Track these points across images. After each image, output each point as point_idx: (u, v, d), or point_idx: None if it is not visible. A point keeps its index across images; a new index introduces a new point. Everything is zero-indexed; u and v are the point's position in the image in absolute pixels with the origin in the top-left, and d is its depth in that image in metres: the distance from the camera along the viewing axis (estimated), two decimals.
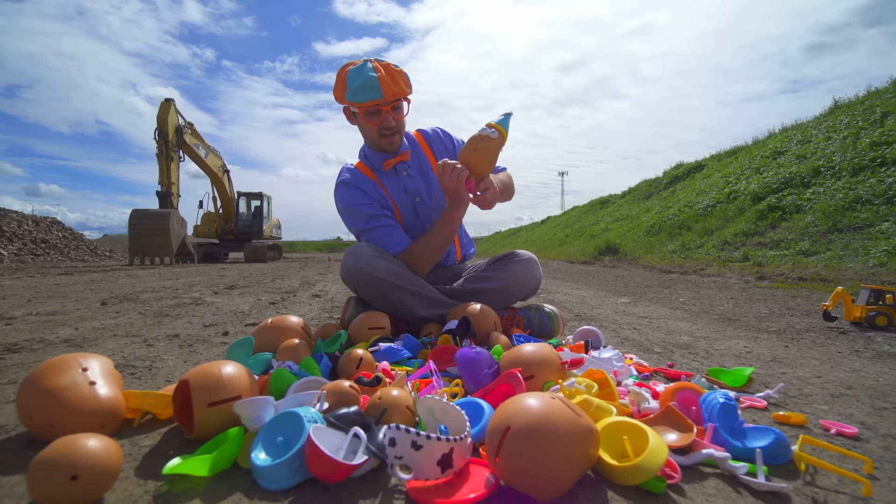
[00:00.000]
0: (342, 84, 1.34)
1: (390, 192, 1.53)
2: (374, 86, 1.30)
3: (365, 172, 1.53)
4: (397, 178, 1.54)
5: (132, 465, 0.68)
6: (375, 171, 1.53)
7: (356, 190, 1.50)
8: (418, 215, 1.58)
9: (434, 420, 0.73)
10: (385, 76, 1.31)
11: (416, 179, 1.57)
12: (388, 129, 1.42)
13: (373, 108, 1.34)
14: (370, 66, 1.32)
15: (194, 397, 0.73)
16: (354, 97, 1.32)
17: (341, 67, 1.38)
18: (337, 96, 1.39)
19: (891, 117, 6.60)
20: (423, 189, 1.57)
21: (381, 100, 1.32)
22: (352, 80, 1.32)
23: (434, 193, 1.58)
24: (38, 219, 12.76)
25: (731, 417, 0.75)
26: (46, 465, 0.56)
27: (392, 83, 1.33)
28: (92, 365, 0.81)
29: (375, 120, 1.38)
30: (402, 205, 1.55)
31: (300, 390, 0.86)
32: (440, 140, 1.65)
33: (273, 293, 3.45)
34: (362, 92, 1.31)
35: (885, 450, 0.74)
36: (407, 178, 1.54)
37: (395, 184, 1.54)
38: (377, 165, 1.52)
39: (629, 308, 2.61)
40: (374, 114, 1.37)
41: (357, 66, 1.33)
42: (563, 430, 0.57)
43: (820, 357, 1.39)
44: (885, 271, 3.53)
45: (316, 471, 0.60)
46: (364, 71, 1.31)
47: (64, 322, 1.98)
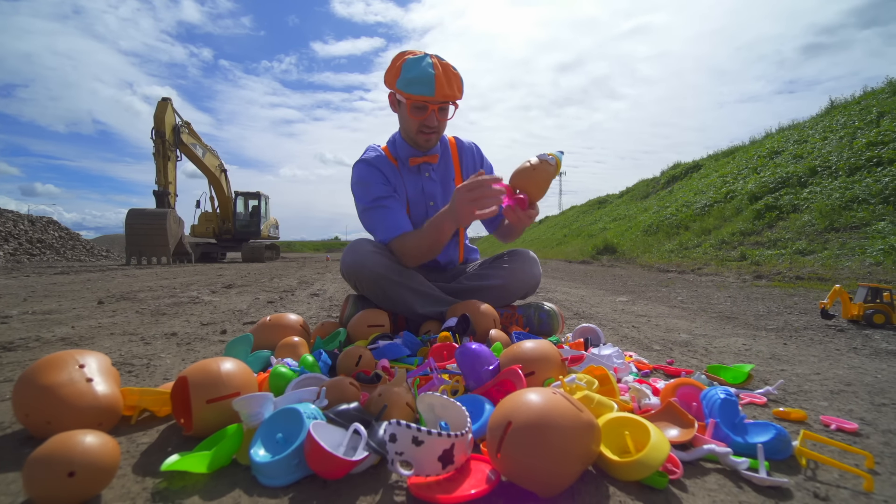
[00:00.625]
0: (396, 70, 1.32)
1: (407, 186, 1.52)
2: (428, 81, 1.28)
3: (389, 158, 1.52)
4: (419, 176, 1.52)
5: (130, 462, 0.68)
6: (399, 162, 1.51)
7: (374, 169, 1.47)
8: (428, 217, 1.55)
9: (434, 416, 0.72)
10: (441, 75, 1.29)
11: (435, 183, 1.55)
12: (429, 127, 1.40)
13: (420, 103, 1.33)
14: (429, 60, 1.30)
15: (192, 394, 0.72)
16: (406, 87, 1.30)
17: (399, 53, 1.36)
18: (387, 80, 1.37)
19: (887, 117, 6.63)
20: (440, 195, 1.56)
21: (431, 97, 1.30)
22: (408, 69, 1.30)
23: (447, 200, 1.55)
24: (34, 218, 12.69)
25: (732, 413, 0.74)
26: (43, 461, 0.55)
27: (446, 84, 1.30)
28: (89, 362, 0.80)
29: (420, 115, 1.36)
30: (415, 203, 1.53)
31: (299, 387, 0.86)
32: (471, 155, 1.63)
33: (271, 292, 3.44)
34: (415, 85, 1.29)
35: (885, 445, 0.74)
36: (427, 180, 1.53)
37: (414, 181, 1.52)
38: (403, 158, 1.51)
39: (628, 307, 2.61)
40: (420, 108, 1.35)
41: (416, 57, 1.31)
42: (565, 425, 0.57)
43: (818, 354, 1.40)
44: (882, 270, 3.55)
45: (316, 467, 0.60)
46: (422, 64, 1.29)
47: (60, 321, 1.97)
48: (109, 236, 43.74)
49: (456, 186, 1.57)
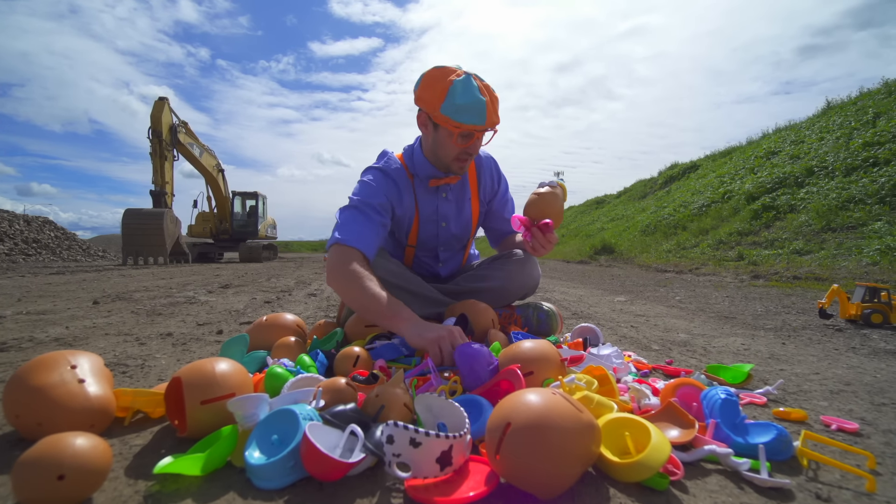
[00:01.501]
0: (440, 94, 1.20)
1: (420, 203, 1.44)
2: (481, 111, 1.20)
3: (406, 172, 1.43)
4: (435, 196, 1.45)
5: (122, 464, 0.66)
6: (416, 179, 1.44)
7: (390, 181, 1.38)
8: (438, 238, 1.51)
9: (432, 417, 0.71)
10: (490, 102, 1.22)
11: (451, 204, 1.48)
12: (470, 154, 1.31)
13: (468, 131, 1.24)
14: (476, 84, 1.20)
15: (186, 395, 0.71)
16: (455, 115, 1.20)
17: (437, 69, 1.22)
18: (426, 100, 1.23)
19: (883, 118, 6.66)
20: (453, 215, 1.50)
21: (482, 126, 1.22)
22: (458, 95, 1.18)
23: (461, 222, 1.52)
24: (29, 218, 12.61)
25: (733, 413, 0.74)
26: (32, 464, 0.54)
27: (493, 111, 1.23)
28: (81, 362, 0.79)
29: (465, 143, 1.27)
30: (425, 221, 1.47)
31: (295, 388, 0.84)
32: (490, 172, 1.55)
33: (268, 292, 3.42)
34: (467, 113, 1.19)
35: (886, 445, 0.74)
36: (443, 200, 1.46)
37: (429, 199, 1.45)
38: (422, 177, 1.41)
39: (626, 306, 2.61)
40: (466, 136, 1.26)
41: (463, 80, 1.19)
42: (565, 426, 0.56)
43: (817, 354, 1.39)
44: (878, 270, 3.56)
45: (312, 469, 0.59)
46: (472, 90, 1.19)
47: (54, 321, 1.95)
48: (106, 236, 43.56)
49: (471, 206, 1.51)
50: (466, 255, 1.69)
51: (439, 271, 1.61)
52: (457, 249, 1.61)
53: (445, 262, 1.60)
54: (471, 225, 1.56)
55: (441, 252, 1.57)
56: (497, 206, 1.60)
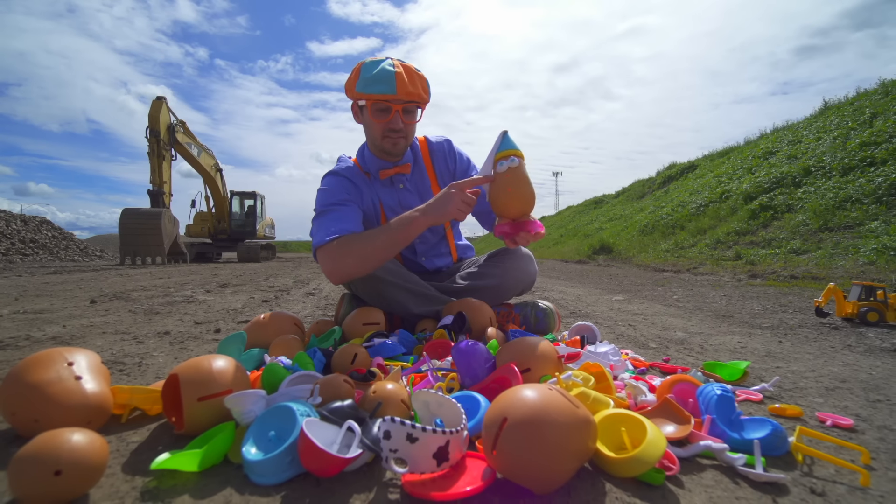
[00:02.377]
0: (355, 75, 1.27)
1: (383, 200, 1.45)
2: (388, 80, 1.21)
3: (360, 170, 1.45)
4: (393, 188, 1.45)
5: (119, 460, 0.66)
6: (371, 175, 1.45)
7: (343, 179, 1.39)
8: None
9: (429, 414, 0.72)
10: (402, 73, 1.24)
11: (412, 194, 1.47)
12: (394, 130, 1.31)
13: (382, 103, 1.26)
14: (389, 61, 1.25)
15: (184, 391, 0.71)
16: (365, 88, 1.24)
17: (359, 63, 1.29)
18: (348, 89, 1.31)
19: (880, 118, 6.69)
20: (417, 205, 1.43)
21: (393, 96, 1.23)
22: (366, 70, 1.24)
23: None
24: (26, 218, 12.57)
25: (729, 409, 0.74)
26: (29, 460, 0.54)
27: (409, 83, 1.24)
28: (78, 359, 0.79)
29: (383, 118, 1.28)
30: (392, 214, 1.44)
31: (292, 385, 0.84)
32: (443, 155, 1.53)
33: (266, 291, 3.42)
34: (374, 84, 1.23)
35: (880, 441, 0.74)
36: (403, 192, 1.46)
37: (389, 194, 1.45)
38: (373, 171, 1.43)
39: (624, 305, 2.61)
40: (382, 111, 1.28)
41: (375, 60, 1.26)
42: (561, 421, 0.57)
43: (813, 352, 1.40)
44: (875, 269, 3.57)
45: (309, 465, 0.59)
46: (381, 64, 1.24)
47: (51, 320, 1.94)
48: (103, 236, 43.43)
49: (433, 193, 1.46)
50: (452, 247, 1.66)
51: (424, 265, 1.59)
52: (434, 241, 1.59)
53: (425, 254, 1.58)
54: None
55: (417, 245, 1.56)
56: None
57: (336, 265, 1.23)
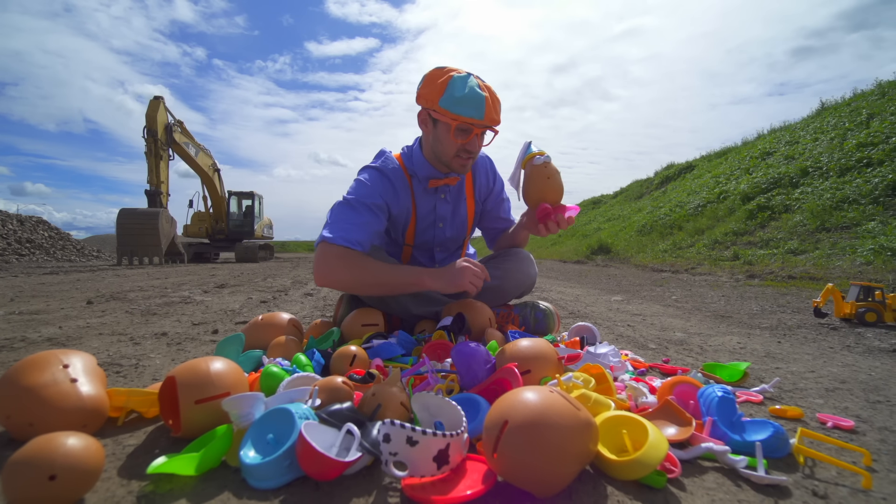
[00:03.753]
0: (440, 88, 1.22)
1: (418, 203, 1.44)
2: (479, 104, 1.20)
3: (404, 172, 1.42)
4: (433, 196, 1.45)
5: (115, 464, 0.66)
6: (414, 179, 1.43)
7: (387, 181, 1.37)
8: (434, 238, 1.51)
9: (429, 416, 0.71)
10: (489, 98, 1.22)
11: (448, 205, 1.48)
12: (468, 152, 1.30)
13: (467, 125, 1.24)
14: (475, 81, 1.22)
15: (181, 394, 0.70)
16: (454, 107, 1.20)
17: (438, 69, 1.25)
18: (426, 97, 1.25)
19: (876, 119, 6.71)
20: (450, 216, 1.50)
21: (480, 121, 1.22)
22: (456, 88, 1.20)
23: (456, 221, 1.52)
24: (23, 218, 12.50)
25: (730, 411, 0.74)
26: (23, 464, 0.53)
27: (493, 108, 1.23)
28: (73, 362, 0.78)
29: (463, 138, 1.26)
30: (422, 221, 1.46)
31: (291, 387, 0.84)
32: (485, 172, 1.55)
33: (264, 292, 3.40)
34: (465, 105, 1.19)
35: (881, 442, 0.74)
36: (441, 201, 1.46)
37: (427, 200, 1.44)
38: (421, 177, 1.41)
39: (622, 305, 2.61)
40: (464, 131, 1.25)
41: (462, 76, 1.22)
42: (563, 424, 0.56)
43: (812, 352, 1.40)
44: (872, 269, 3.58)
45: (308, 468, 0.58)
46: (470, 84, 1.20)
47: (47, 321, 1.93)
48: (100, 236, 43.27)
49: (468, 206, 1.52)
50: (463, 254, 1.68)
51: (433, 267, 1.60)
52: (453, 249, 1.61)
53: (441, 261, 1.60)
54: (466, 225, 1.55)
55: (437, 252, 1.57)
56: (492, 205, 1.59)
57: (329, 273, 1.24)
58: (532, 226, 1.35)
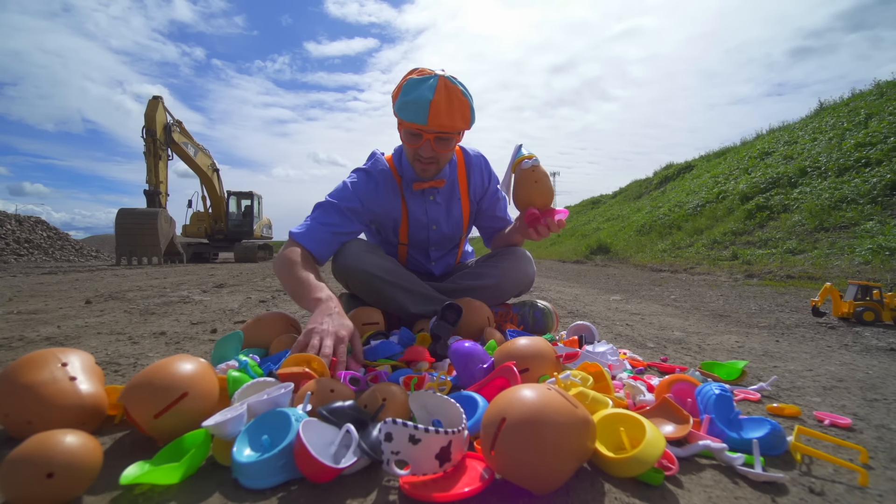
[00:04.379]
0: (398, 90, 1.22)
1: (409, 204, 1.43)
2: (422, 109, 1.16)
3: (394, 174, 1.42)
4: (423, 199, 1.44)
5: (113, 462, 0.65)
6: (403, 181, 1.43)
7: (373, 184, 1.36)
8: (429, 238, 1.51)
9: (427, 415, 0.71)
10: (440, 102, 1.16)
11: (440, 206, 1.47)
12: (424, 157, 1.28)
13: (414, 130, 1.21)
14: (431, 83, 1.17)
15: (135, 416, 0.66)
16: (400, 111, 1.21)
17: (410, 70, 1.24)
18: (393, 99, 1.27)
19: (874, 119, 6.73)
20: (443, 217, 1.49)
21: (424, 126, 1.19)
22: (406, 91, 1.19)
23: (451, 222, 1.51)
24: (21, 218, 12.48)
25: (727, 409, 0.74)
26: (20, 462, 0.53)
27: (444, 113, 1.17)
28: (72, 360, 0.78)
29: (414, 143, 1.25)
30: (415, 223, 1.46)
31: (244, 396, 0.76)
32: (480, 170, 1.53)
33: (263, 291, 3.40)
34: (407, 110, 1.18)
35: (878, 440, 0.74)
36: (432, 203, 1.45)
37: (417, 203, 1.44)
38: (407, 180, 1.41)
39: (621, 305, 2.62)
40: (414, 136, 1.24)
41: (420, 78, 1.18)
42: (560, 421, 0.56)
43: (810, 351, 1.40)
44: (870, 269, 3.59)
45: (303, 469, 0.58)
46: (421, 87, 1.17)
47: (46, 320, 1.93)
48: (99, 236, 43.20)
49: (462, 206, 1.49)
50: (460, 253, 1.68)
51: (432, 269, 1.61)
52: (448, 248, 1.61)
53: (437, 260, 1.60)
54: (461, 225, 1.55)
55: (432, 251, 1.57)
56: (487, 204, 1.59)
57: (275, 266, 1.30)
58: (523, 230, 1.35)
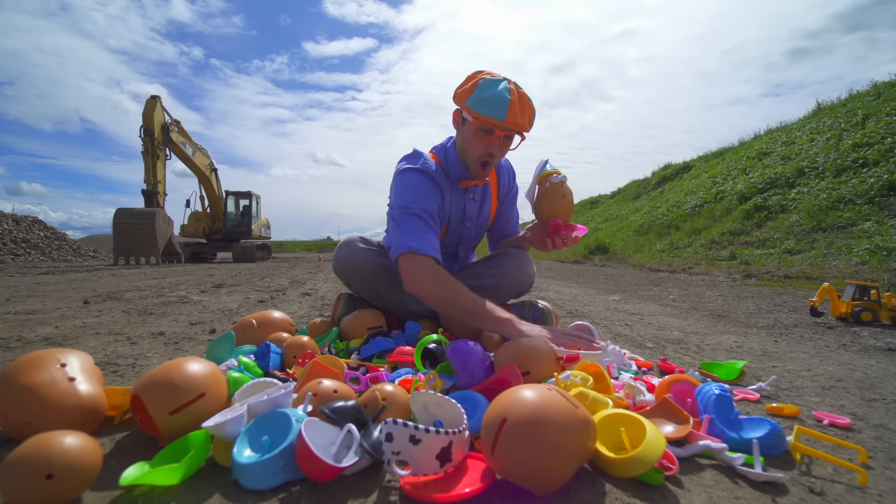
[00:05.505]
0: (470, 88, 1.24)
1: (453, 203, 1.45)
2: (502, 105, 1.20)
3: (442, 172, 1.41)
4: (463, 196, 1.47)
5: (112, 463, 0.65)
6: (450, 179, 1.43)
7: (434, 184, 1.35)
8: (461, 237, 1.52)
9: (428, 415, 0.71)
10: (516, 102, 1.21)
11: (476, 204, 1.50)
12: (490, 155, 1.30)
13: (488, 125, 1.24)
14: (507, 84, 1.22)
15: (152, 411, 0.67)
16: (476, 106, 1.22)
17: (475, 72, 1.28)
18: (458, 97, 1.28)
19: (872, 119, 6.75)
20: (475, 216, 1.52)
21: (501, 122, 1.22)
22: (483, 89, 1.22)
23: (479, 221, 1.54)
24: (18, 218, 12.42)
25: (727, 409, 0.74)
26: (19, 463, 0.53)
27: (519, 113, 1.22)
28: (71, 361, 0.77)
29: (485, 138, 1.27)
30: (454, 220, 1.47)
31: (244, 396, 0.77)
32: (507, 173, 1.58)
33: (262, 291, 3.39)
34: (487, 105, 1.21)
35: (877, 440, 0.75)
36: (470, 201, 1.48)
37: (458, 199, 1.46)
38: (454, 177, 1.42)
39: (620, 305, 2.62)
40: (486, 132, 1.26)
41: (494, 79, 1.23)
42: (561, 422, 0.56)
43: (809, 351, 1.41)
44: (868, 269, 3.60)
45: (305, 468, 0.58)
46: (498, 86, 1.21)
47: (44, 321, 1.92)
48: (97, 236, 43.06)
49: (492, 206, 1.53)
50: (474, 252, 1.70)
51: (453, 268, 1.60)
52: (471, 249, 1.62)
53: (462, 260, 1.61)
54: (487, 224, 1.57)
55: (461, 251, 1.57)
56: (506, 209, 1.60)
57: (420, 286, 1.21)
58: (537, 240, 1.37)
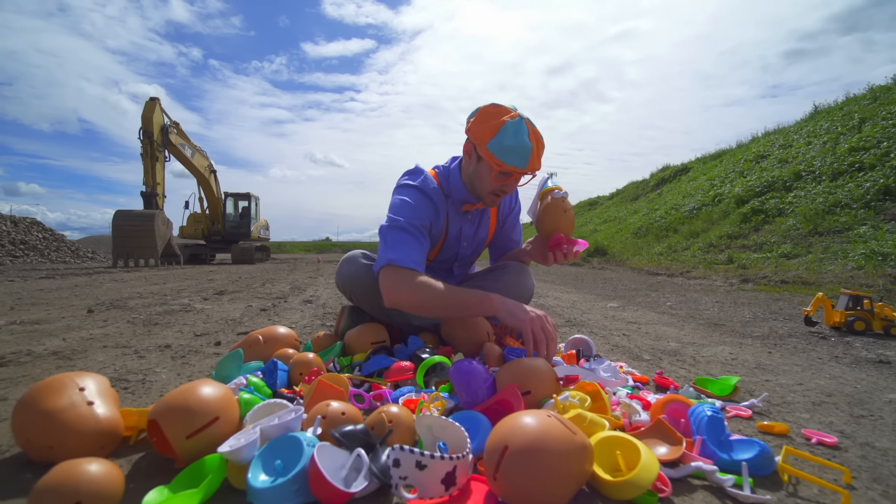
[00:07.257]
0: (492, 130, 1.23)
1: (450, 223, 1.48)
2: (525, 155, 1.22)
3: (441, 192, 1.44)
4: (462, 217, 1.50)
5: (132, 485, 0.68)
6: (449, 199, 1.45)
7: (431, 203, 1.38)
8: (457, 256, 1.56)
9: (433, 437, 0.74)
10: (536, 149, 1.24)
11: (473, 224, 1.53)
12: (503, 190, 1.33)
13: (509, 170, 1.25)
14: (527, 128, 1.23)
15: (168, 435, 0.70)
16: (500, 154, 1.22)
17: (493, 107, 1.26)
18: (477, 135, 1.26)
19: (868, 123, 6.80)
20: (472, 236, 1.54)
21: (522, 170, 1.25)
22: (507, 135, 1.21)
23: (476, 241, 1.57)
24: (16, 219, 12.42)
25: (719, 430, 0.78)
26: (48, 491, 0.56)
27: (537, 158, 1.26)
28: (88, 384, 0.80)
29: (503, 180, 1.29)
30: (450, 240, 1.50)
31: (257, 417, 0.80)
32: (509, 197, 1.59)
33: (264, 299, 3.42)
34: (512, 155, 1.21)
35: (862, 459, 0.78)
36: (468, 222, 1.51)
37: (456, 221, 1.49)
38: (455, 200, 1.44)
39: (618, 313, 2.66)
40: (505, 175, 1.28)
41: (516, 122, 1.22)
42: (560, 449, 0.60)
43: (802, 363, 1.44)
44: (863, 274, 3.65)
45: (318, 493, 0.61)
46: (522, 133, 1.22)
47: (50, 332, 1.95)
48: (95, 237, 42.94)
49: (489, 226, 1.57)
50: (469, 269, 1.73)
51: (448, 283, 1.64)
52: (467, 266, 1.66)
53: (458, 276, 1.64)
54: (484, 244, 1.60)
55: (456, 268, 1.61)
56: (508, 227, 1.63)
57: (399, 296, 1.23)
58: (538, 254, 1.40)
